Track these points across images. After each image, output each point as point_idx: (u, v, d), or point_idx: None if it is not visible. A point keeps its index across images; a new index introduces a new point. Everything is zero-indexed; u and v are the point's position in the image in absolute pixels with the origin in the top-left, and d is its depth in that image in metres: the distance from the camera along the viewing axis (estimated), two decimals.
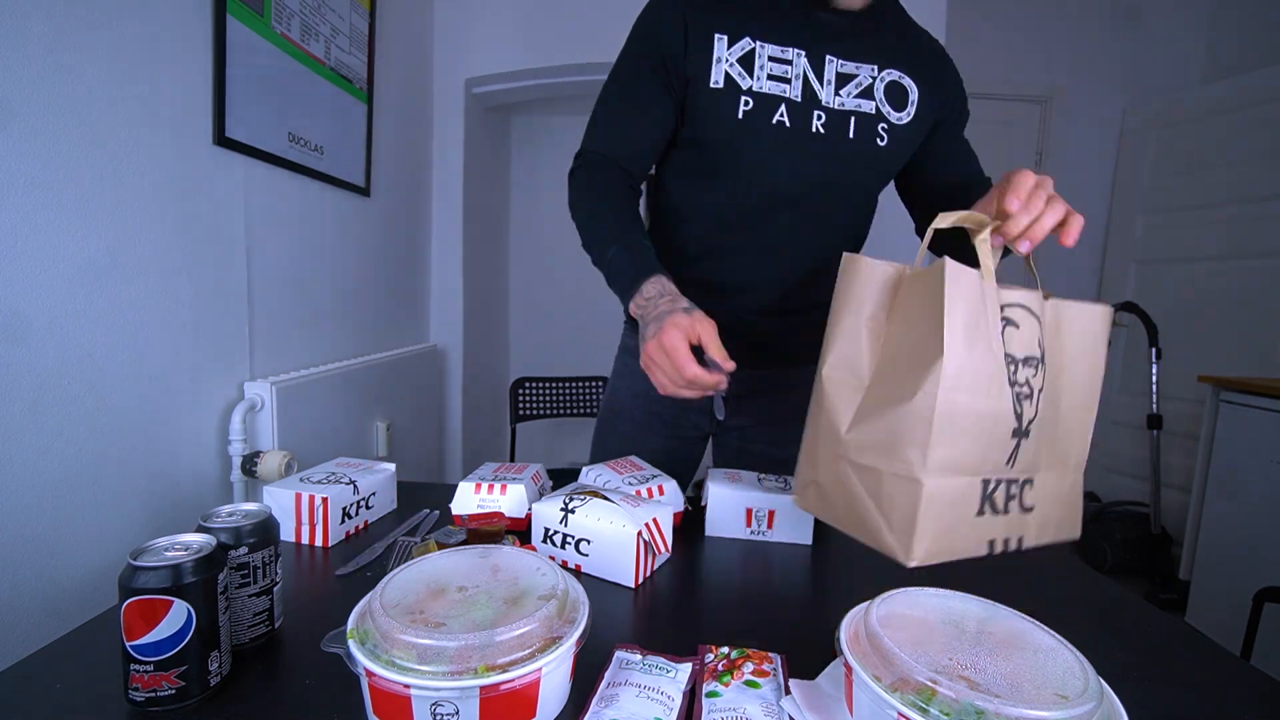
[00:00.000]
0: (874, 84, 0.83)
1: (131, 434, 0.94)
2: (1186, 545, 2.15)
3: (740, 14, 0.82)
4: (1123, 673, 0.48)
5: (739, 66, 0.80)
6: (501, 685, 0.39)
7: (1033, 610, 0.45)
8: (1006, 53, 2.83)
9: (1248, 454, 1.90)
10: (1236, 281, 2.42)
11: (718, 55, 0.80)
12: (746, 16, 0.81)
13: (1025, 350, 0.58)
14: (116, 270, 0.90)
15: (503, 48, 2.09)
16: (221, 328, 1.13)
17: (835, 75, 0.82)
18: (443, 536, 0.70)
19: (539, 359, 3.02)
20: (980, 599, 0.46)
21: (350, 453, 1.50)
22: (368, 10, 1.58)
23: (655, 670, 0.49)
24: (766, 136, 0.81)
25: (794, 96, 0.81)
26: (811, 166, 0.83)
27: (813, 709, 0.44)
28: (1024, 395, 0.58)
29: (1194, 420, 2.28)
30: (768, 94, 0.80)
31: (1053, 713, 0.34)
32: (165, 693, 0.44)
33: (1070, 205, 0.63)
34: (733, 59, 0.80)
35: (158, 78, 0.97)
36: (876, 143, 0.83)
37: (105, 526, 0.89)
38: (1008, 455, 0.58)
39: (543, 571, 0.48)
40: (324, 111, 1.42)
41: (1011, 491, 0.60)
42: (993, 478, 0.57)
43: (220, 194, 1.12)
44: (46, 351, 0.81)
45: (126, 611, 0.43)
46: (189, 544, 0.47)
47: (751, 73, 0.80)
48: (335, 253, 1.52)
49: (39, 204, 0.79)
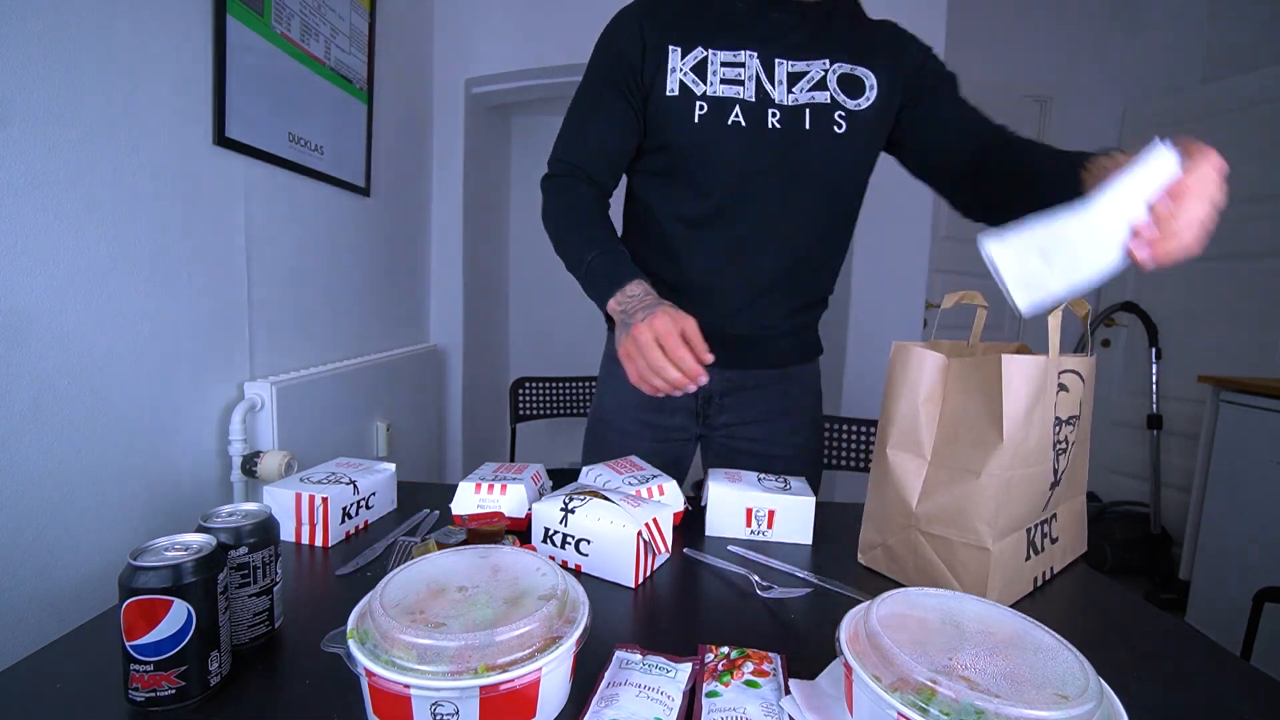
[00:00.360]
0: (826, 76, 0.85)
1: (132, 434, 0.94)
2: (1186, 545, 2.15)
3: (693, 24, 0.86)
4: (1123, 673, 0.48)
5: (692, 74, 0.84)
6: (501, 685, 0.39)
7: (1032, 610, 0.45)
8: (1006, 53, 2.83)
9: (1248, 454, 1.90)
10: (1236, 281, 2.42)
11: (672, 65, 0.84)
12: (699, 26, 0.86)
13: (1069, 411, 0.66)
14: (116, 270, 0.90)
15: (503, 48, 2.09)
16: (221, 328, 1.13)
17: (786, 75, 0.84)
18: (443, 536, 0.70)
19: (539, 359, 3.02)
20: (980, 599, 0.46)
21: (350, 453, 1.50)
22: (368, 10, 1.58)
23: (655, 670, 0.49)
24: (724, 138, 0.84)
25: (748, 97, 0.83)
26: (771, 162, 0.85)
27: (813, 709, 0.44)
28: (1062, 451, 0.66)
29: (1194, 420, 2.28)
30: (721, 97, 0.83)
31: (1053, 713, 0.34)
32: (165, 693, 0.44)
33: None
34: (686, 68, 0.84)
35: (158, 78, 0.97)
36: (834, 130, 0.84)
37: (105, 526, 0.89)
38: (1044, 504, 0.67)
39: (543, 571, 0.48)
40: (324, 111, 1.42)
41: (1045, 530, 0.69)
42: (1033, 524, 0.67)
43: (220, 194, 1.12)
44: (47, 352, 0.81)
45: (126, 611, 0.43)
46: (189, 544, 0.47)
47: (705, 79, 0.84)
48: (335, 253, 1.52)
49: (39, 204, 0.79)
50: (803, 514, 0.78)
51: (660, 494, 0.79)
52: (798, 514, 0.78)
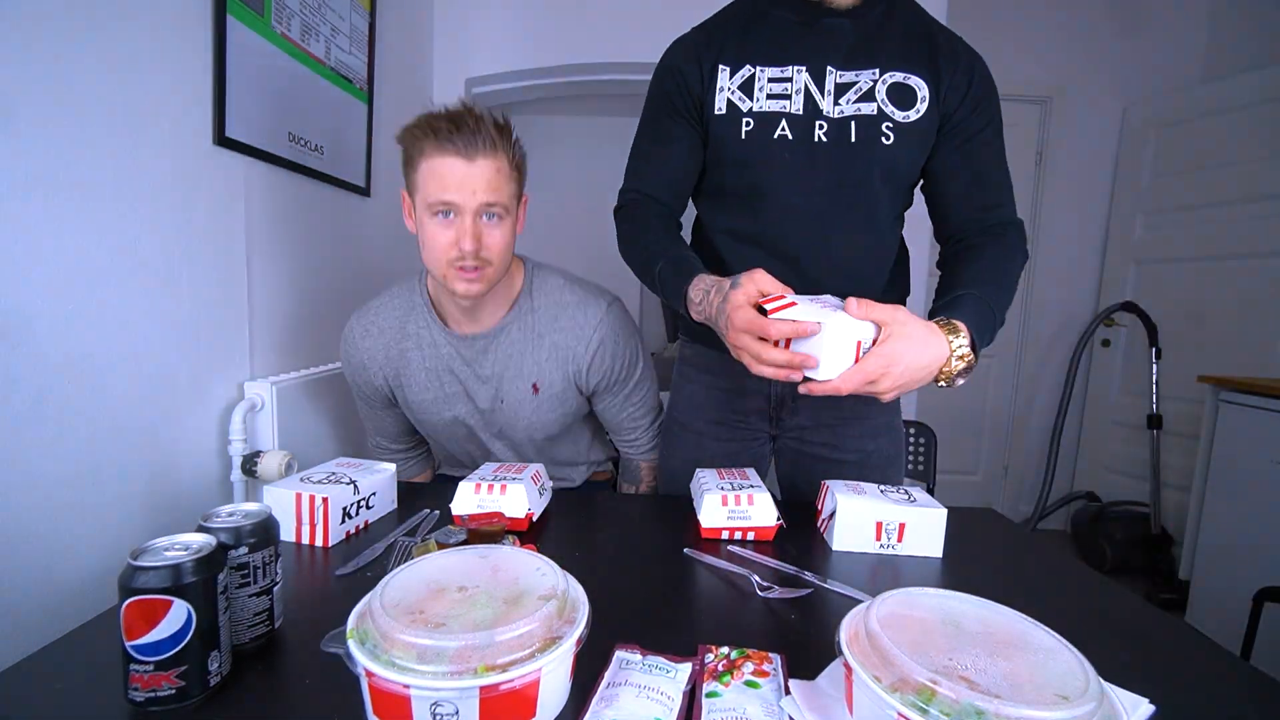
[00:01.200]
0: (875, 87, 0.84)
1: (132, 434, 0.94)
2: (1186, 545, 2.15)
3: (745, 44, 0.88)
4: (1123, 673, 0.48)
5: (740, 92, 0.86)
6: (501, 685, 0.39)
7: (1033, 610, 0.45)
8: (1006, 53, 2.82)
9: (1248, 454, 1.90)
10: (1236, 281, 2.42)
11: (721, 85, 0.87)
12: (750, 45, 0.88)
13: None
14: (116, 270, 0.90)
15: (503, 48, 2.09)
16: (221, 328, 1.13)
17: (835, 85, 0.85)
18: (443, 536, 0.70)
19: None
20: (980, 599, 0.46)
21: (350, 453, 1.50)
22: (368, 10, 1.58)
23: (655, 670, 0.49)
24: (770, 152, 0.85)
25: (795, 111, 0.85)
26: (819, 175, 0.85)
27: (813, 709, 0.44)
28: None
29: (1194, 420, 2.28)
30: (767, 112, 0.85)
31: (1053, 713, 0.34)
32: (165, 693, 0.44)
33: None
34: (734, 86, 0.87)
35: (158, 77, 0.97)
36: (882, 142, 0.84)
37: (105, 526, 0.89)
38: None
39: (543, 571, 0.48)
40: (324, 111, 1.42)
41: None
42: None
43: (220, 194, 1.11)
44: (47, 351, 0.81)
45: (126, 611, 0.43)
46: (189, 544, 0.47)
47: (751, 95, 0.86)
48: (335, 253, 1.52)
49: (39, 204, 0.79)
50: (934, 527, 0.75)
51: (750, 503, 0.78)
52: (929, 527, 0.75)
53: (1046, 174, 2.89)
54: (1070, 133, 2.87)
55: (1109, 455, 2.88)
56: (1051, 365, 3.00)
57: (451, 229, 0.87)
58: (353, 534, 0.78)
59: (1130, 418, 2.75)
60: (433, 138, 0.85)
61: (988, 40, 2.93)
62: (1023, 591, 0.69)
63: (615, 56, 2.03)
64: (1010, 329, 3.02)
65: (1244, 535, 1.89)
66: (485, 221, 0.89)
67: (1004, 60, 2.82)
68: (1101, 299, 2.90)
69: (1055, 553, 0.82)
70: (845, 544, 0.77)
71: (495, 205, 0.88)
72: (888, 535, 0.76)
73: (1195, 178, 2.56)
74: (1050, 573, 0.77)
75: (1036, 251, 2.95)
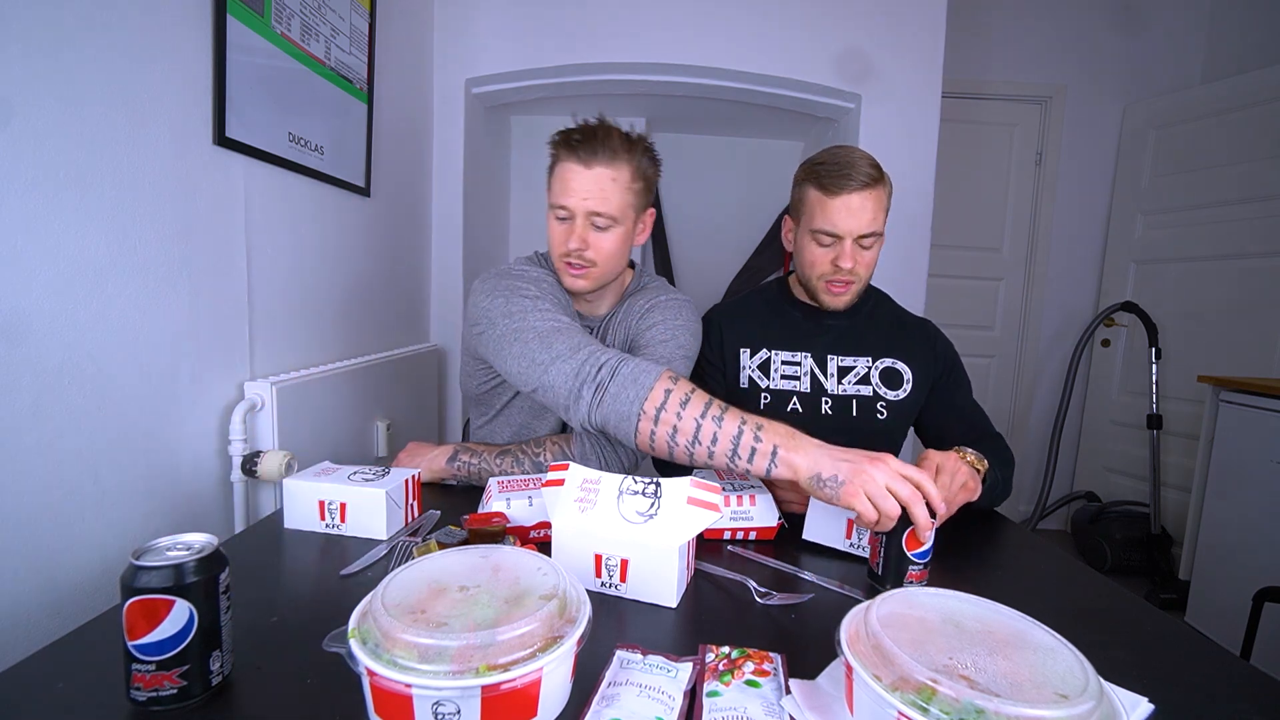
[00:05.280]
0: (869, 371, 1.07)
1: (132, 434, 0.94)
2: (1186, 545, 2.15)
3: (761, 330, 1.11)
4: (1122, 672, 0.48)
5: (758, 371, 1.09)
6: (503, 684, 0.39)
7: (1033, 610, 0.45)
8: (1007, 52, 2.83)
9: (1248, 454, 1.90)
10: (1236, 281, 2.42)
11: (743, 364, 1.09)
12: (766, 332, 1.10)
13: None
14: (116, 270, 0.90)
15: (503, 48, 2.09)
16: (221, 328, 1.13)
17: (837, 369, 1.08)
18: (444, 536, 0.70)
19: None
20: (980, 599, 0.46)
21: (350, 453, 1.50)
22: (368, 10, 1.58)
23: (656, 670, 0.49)
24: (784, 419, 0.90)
25: (804, 389, 1.07)
26: (828, 434, 0.87)
27: (813, 708, 0.44)
28: None
29: (1194, 420, 2.28)
30: (782, 390, 1.07)
31: (1053, 712, 0.34)
32: (167, 692, 0.44)
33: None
34: (754, 366, 1.09)
35: (158, 78, 0.97)
36: (877, 418, 1.06)
37: (106, 526, 0.89)
38: None
39: (544, 571, 0.48)
40: (324, 111, 1.42)
41: None
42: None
43: (220, 194, 1.11)
44: (47, 351, 0.81)
45: (128, 611, 0.43)
46: (191, 544, 0.47)
47: (768, 374, 1.08)
48: (335, 253, 1.52)
49: (39, 204, 0.79)
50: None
51: (751, 504, 0.78)
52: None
53: (1046, 174, 2.90)
54: (1070, 133, 2.87)
55: (1109, 455, 2.88)
56: (1051, 365, 3.00)
57: (565, 227, 0.95)
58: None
59: (1130, 418, 2.75)
60: (565, 145, 0.94)
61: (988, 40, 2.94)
62: (1023, 591, 0.69)
63: (615, 56, 2.03)
64: (1010, 329, 3.02)
65: (1244, 535, 1.89)
66: (594, 227, 0.95)
67: (1004, 60, 2.85)
68: (1101, 299, 2.91)
69: (1055, 553, 0.82)
70: (816, 535, 0.78)
71: (601, 215, 0.93)
72: (858, 534, 0.76)
73: (1195, 178, 2.56)
74: (1050, 573, 0.77)
75: (1036, 252, 2.95)
